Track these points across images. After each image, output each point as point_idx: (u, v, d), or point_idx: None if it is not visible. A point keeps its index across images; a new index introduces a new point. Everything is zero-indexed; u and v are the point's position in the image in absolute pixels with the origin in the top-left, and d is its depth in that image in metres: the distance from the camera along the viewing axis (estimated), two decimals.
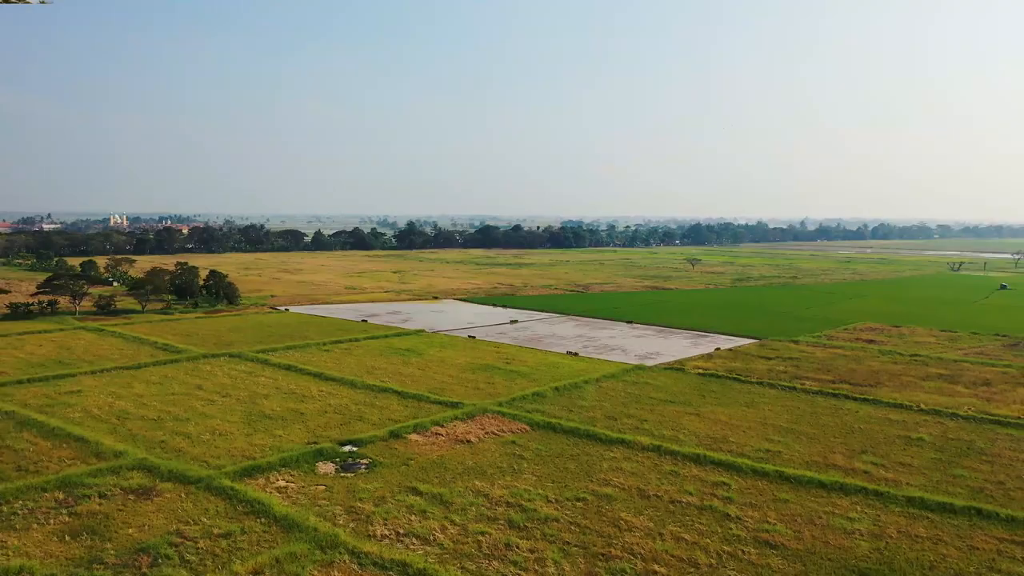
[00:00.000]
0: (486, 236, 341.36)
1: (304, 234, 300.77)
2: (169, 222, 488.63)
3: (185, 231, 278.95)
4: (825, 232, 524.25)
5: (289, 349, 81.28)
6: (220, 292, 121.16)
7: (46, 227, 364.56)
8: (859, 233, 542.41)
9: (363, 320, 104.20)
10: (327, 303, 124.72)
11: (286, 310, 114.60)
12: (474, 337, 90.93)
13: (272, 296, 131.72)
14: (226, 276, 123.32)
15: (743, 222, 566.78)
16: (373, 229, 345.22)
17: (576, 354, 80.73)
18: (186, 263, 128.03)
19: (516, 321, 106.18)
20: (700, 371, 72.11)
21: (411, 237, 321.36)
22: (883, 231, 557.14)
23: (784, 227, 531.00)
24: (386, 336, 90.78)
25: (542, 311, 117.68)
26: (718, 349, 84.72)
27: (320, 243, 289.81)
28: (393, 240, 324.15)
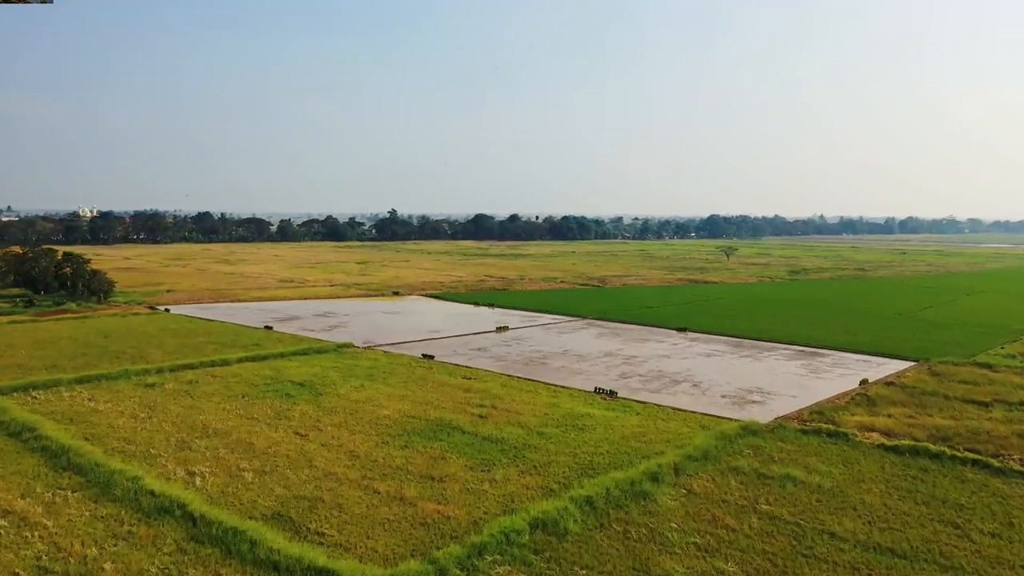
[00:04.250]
0: (479, 227, 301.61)
1: (269, 223, 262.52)
2: None
3: (128, 220, 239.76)
4: (850, 226, 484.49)
5: (81, 383, 43.97)
6: (79, 284, 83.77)
7: (3, 219, 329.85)
8: (887, 227, 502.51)
9: (267, 327, 66.57)
10: (239, 300, 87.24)
11: (166, 310, 77.11)
12: (431, 357, 53.14)
13: (168, 291, 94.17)
14: (87, 262, 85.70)
15: (757, 216, 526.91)
16: (351, 219, 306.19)
17: (613, 394, 42.93)
18: (39, 246, 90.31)
19: (506, 328, 68.37)
20: (883, 438, 34.40)
21: (393, 227, 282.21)
22: (911, 225, 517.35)
23: (804, 220, 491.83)
24: (281, 356, 53.06)
25: (544, 312, 79.99)
26: (866, 382, 46.95)
27: (286, 233, 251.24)
28: (372, 231, 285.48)
